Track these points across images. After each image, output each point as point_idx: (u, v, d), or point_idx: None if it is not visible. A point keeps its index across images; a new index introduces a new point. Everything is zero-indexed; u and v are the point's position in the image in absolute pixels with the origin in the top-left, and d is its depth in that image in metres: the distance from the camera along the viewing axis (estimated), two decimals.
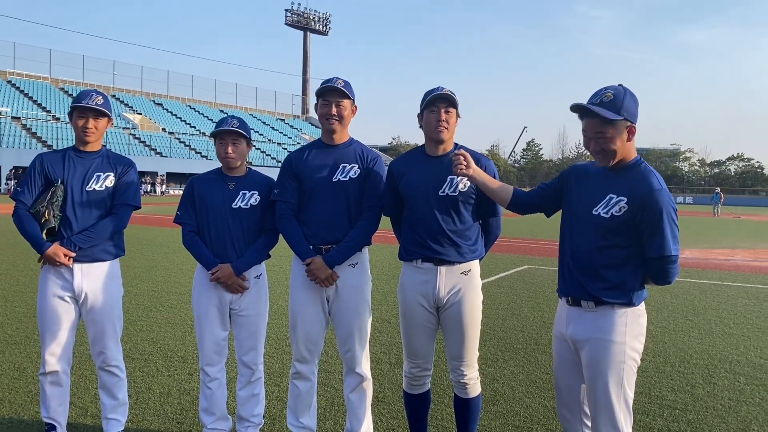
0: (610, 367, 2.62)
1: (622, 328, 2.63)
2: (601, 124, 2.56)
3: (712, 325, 6.97)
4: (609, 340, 2.63)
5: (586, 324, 2.70)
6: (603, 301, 2.65)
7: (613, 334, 2.63)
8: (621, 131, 2.57)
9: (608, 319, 2.65)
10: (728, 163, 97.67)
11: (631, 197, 2.57)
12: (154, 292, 8.02)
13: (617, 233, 2.61)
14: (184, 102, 70.25)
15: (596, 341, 2.65)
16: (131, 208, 3.52)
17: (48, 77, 59.84)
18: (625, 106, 2.55)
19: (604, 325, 2.65)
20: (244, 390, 3.54)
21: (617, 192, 2.61)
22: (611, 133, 2.56)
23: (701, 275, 11.16)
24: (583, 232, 2.72)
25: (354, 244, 3.30)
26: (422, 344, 3.29)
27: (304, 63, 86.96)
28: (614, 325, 2.64)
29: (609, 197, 2.62)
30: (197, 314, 3.50)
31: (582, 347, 2.71)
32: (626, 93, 2.59)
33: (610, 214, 2.61)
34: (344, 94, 3.29)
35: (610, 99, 2.55)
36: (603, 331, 2.64)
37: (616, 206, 2.60)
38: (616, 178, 2.65)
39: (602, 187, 2.67)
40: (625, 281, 2.64)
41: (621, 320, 2.64)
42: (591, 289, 2.66)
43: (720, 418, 4.19)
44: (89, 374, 4.63)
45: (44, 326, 3.37)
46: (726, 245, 17.55)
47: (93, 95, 3.40)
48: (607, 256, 2.64)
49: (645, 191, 2.55)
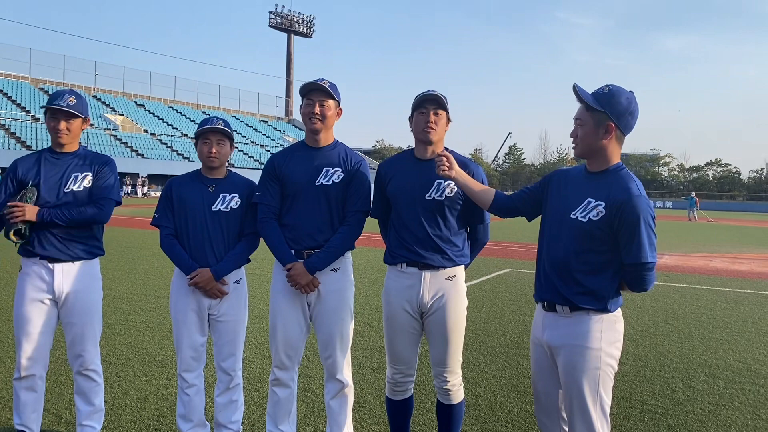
0: (586, 373, 2.60)
1: (597, 335, 2.61)
2: (583, 110, 2.62)
3: (692, 329, 7.03)
4: (584, 346, 2.61)
5: (561, 330, 2.68)
6: (578, 307, 2.63)
7: (589, 341, 2.61)
8: (597, 124, 2.58)
9: (583, 325, 2.63)
10: (706, 168, 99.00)
11: (609, 202, 2.55)
12: (133, 295, 7.91)
13: (594, 238, 2.59)
14: (166, 103, 69.57)
15: (571, 347, 2.64)
16: (112, 203, 3.44)
17: (28, 77, 58.89)
18: (612, 103, 2.57)
19: (579, 331, 2.63)
20: (223, 396, 3.48)
21: (595, 196, 2.60)
22: (585, 120, 2.60)
23: (680, 279, 11.27)
24: (561, 236, 2.70)
25: (336, 249, 3.26)
26: (406, 350, 3.26)
27: (287, 65, 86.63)
28: (589, 331, 2.62)
29: (587, 201, 2.61)
30: (175, 319, 3.44)
31: (558, 353, 2.69)
32: (623, 95, 2.59)
33: (588, 219, 2.59)
34: (329, 95, 3.25)
35: (605, 92, 2.59)
36: (578, 337, 2.63)
37: (593, 210, 2.58)
38: (595, 182, 2.64)
39: (581, 191, 2.66)
40: (601, 287, 2.61)
41: (596, 326, 2.62)
42: (566, 294, 2.65)
43: (700, 422, 4.21)
44: (64, 380, 4.54)
45: (21, 329, 3.29)
46: (704, 249, 17.74)
47: (65, 96, 3.33)
48: (583, 261, 2.63)
49: (623, 197, 2.53)
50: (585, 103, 2.60)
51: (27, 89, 56.85)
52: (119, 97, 64.67)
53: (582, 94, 2.62)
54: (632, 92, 2.63)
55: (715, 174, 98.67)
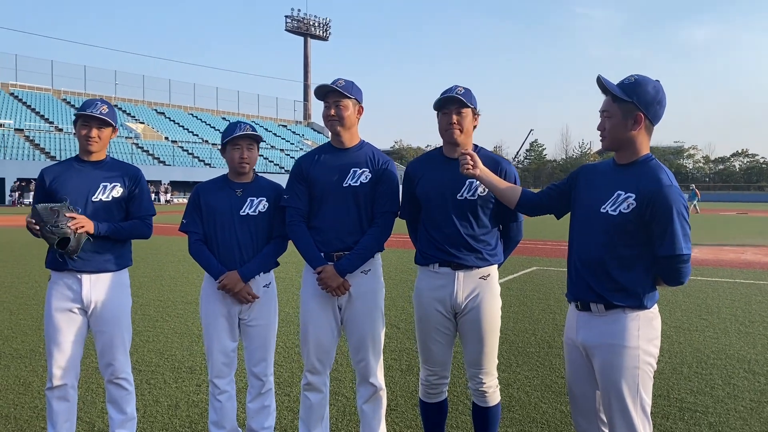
0: (624, 373, 2.51)
1: (634, 333, 2.52)
2: (610, 102, 2.55)
3: (728, 324, 6.86)
4: (621, 345, 2.52)
5: (596, 329, 2.59)
6: (612, 305, 2.54)
7: (626, 339, 2.52)
8: (626, 115, 2.51)
9: (619, 323, 2.54)
10: (733, 159, 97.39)
11: (639, 193, 2.47)
12: (160, 302, 7.94)
13: (625, 232, 2.51)
14: (186, 110, 70.35)
15: (608, 347, 2.55)
16: (152, 217, 3.50)
17: (50, 89, 59.97)
18: (639, 93, 2.50)
19: (615, 330, 2.54)
20: (255, 402, 3.45)
21: (625, 188, 2.52)
22: (613, 111, 2.53)
23: (712, 273, 11.04)
24: (591, 232, 2.62)
25: (366, 251, 3.20)
26: (440, 351, 3.20)
27: (305, 69, 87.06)
28: (626, 329, 2.53)
29: (617, 194, 2.53)
30: (206, 325, 3.41)
31: (593, 354, 2.60)
32: (649, 84, 2.53)
33: (618, 211, 2.51)
34: (343, 94, 3.20)
35: (631, 82, 2.52)
36: (614, 336, 2.54)
37: (624, 203, 2.50)
38: (624, 174, 2.57)
39: (610, 184, 2.58)
40: (635, 283, 2.53)
41: (633, 324, 2.53)
42: (600, 291, 2.56)
43: (743, 420, 4.08)
44: (96, 388, 4.55)
45: (51, 339, 3.29)
46: (734, 242, 17.41)
47: (98, 104, 3.33)
48: (615, 257, 2.54)
49: (654, 188, 2.45)
50: (612, 94, 2.53)
51: (50, 100, 57.87)
52: (140, 106, 65.56)
53: (608, 85, 2.55)
54: (658, 81, 2.57)
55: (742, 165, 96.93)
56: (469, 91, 3.11)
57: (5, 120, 48.70)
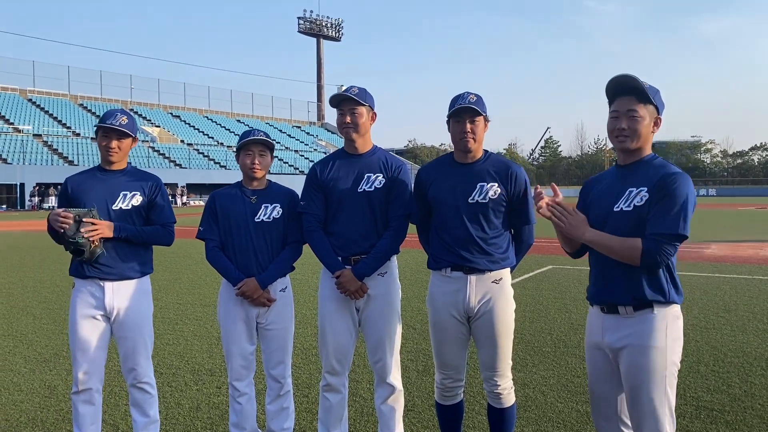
0: (653, 373, 2.53)
1: (662, 333, 2.54)
2: (636, 101, 2.60)
3: (746, 322, 6.82)
4: (649, 345, 2.54)
5: (624, 331, 2.61)
6: (641, 305, 2.57)
7: (654, 339, 2.54)
8: (650, 116, 2.62)
9: (647, 323, 2.56)
10: (751, 153, 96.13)
11: (651, 185, 2.55)
12: (179, 305, 8.05)
13: (644, 224, 2.54)
14: (201, 113, 70.91)
15: (635, 348, 2.57)
16: (173, 225, 3.58)
17: (67, 94, 60.75)
18: (657, 98, 2.64)
19: (644, 331, 2.56)
20: (274, 404, 3.52)
21: (636, 185, 2.59)
22: (643, 113, 2.60)
23: (730, 270, 10.95)
24: (610, 232, 2.63)
25: (382, 255, 3.27)
26: (454, 355, 3.24)
27: (318, 70, 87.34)
28: (654, 329, 2.55)
29: (629, 191, 2.59)
30: (224, 329, 3.49)
31: (620, 355, 2.62)
32: (658, 91, 2.66)
33: (633, 206, 2.57)
34: (358, 102, 3.26)
35: (650, 87, 2.63)
36: (643, 336, 2.56)
37: (637, 197, 2.56)
38: (632, 173, 2.64)
39: (621, 185, 2.64)
40: (659, 274, 2.56)
41: (661, 324, 2.55)
42: (633, 292, 2.57)
43: (759, 418, 4.08)
44: (119, 391, 4.64)
45: (76, 345, 3.38)
46: (752, 238, 17.23)
47: (117, 115, 3.40)
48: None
49: (663, 173, 2.54)
50: (641, 94, 2.59)
51: (67, 106, 58.62)
52: (155, 109, 66.16)
53: (641, 85, 2.59)
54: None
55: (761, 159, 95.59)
56: (480, 98, 3.15)
57: (24, 126, 49.42)
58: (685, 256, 13.07)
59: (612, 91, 2.67)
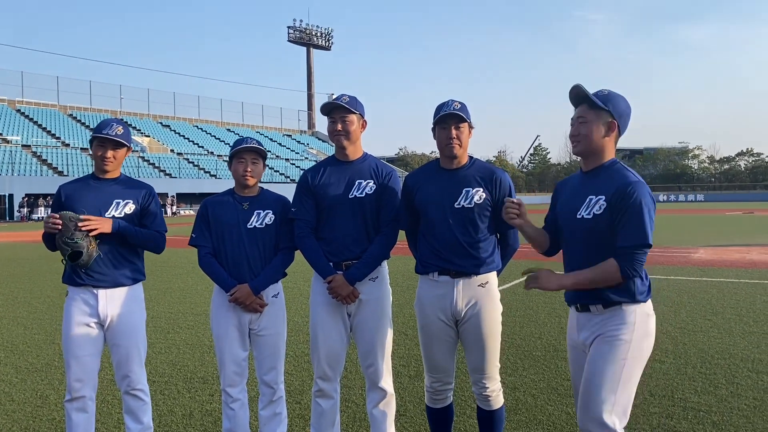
0: (612, 362, 2.58)
1: (630, 327, 2.62)
2: (587, 108, 2.70)
3: (732, 324, 6.91)
4: (615, 336, 2.61)
5: (596, 327, 2.69)
6: (610, 302, 2.64)
7: (621, 332, 2.61)
8: (601, 121, 2.68)
9: (616, 318, 2.64)
10: (738, 159, 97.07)
11: (609, 194, 2.60)
12: (170, 314, 8.05)
13: (602, 232, 2.62)
14: (191, 122, 70.77)
15: (602, 338, 2.64)
16: (164, 234, 3.62)
17: (56, 104, 60.48)
18: (614, 102, 2.69)
19: (613, 324, 2.64)
20: (266, 409, 3.55)
21: (595, 192, 2.65)
22: (591, 118, 2.68)
23: (717, 273, 11.08)
24: (575, 238, 2.76)
25: (373, 260, 3.32)
26: (443, 358, 3.29)
27: (308, 78, 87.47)
28: (623, 323, 2.62)
29: (589, 199, 2.66)
30: (217, 336, 3.52)
31: (591, 347, 2.70)
32: (620, 97, 2.75)
33: (592, 214, 2.64)
34: (348, 110, 3.33)
35: (605, 94, 2.71)
36: (611, 329, 2.64)
37: (596, 206, 2.63)
38: (593, 179, 2.71)
39: (582, 191, 2.72)
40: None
41: (630, 318, 2.63)
42: (596, 291, 2.65)
43: (745, 418, 4.15)
44: (111, 399, 4.65)
45: (69, 352, 3.40)
46: (739, 242, 17.40)
47: (113, 125, 3.43)
48: (601, 257, 2.63)
49: (621, 184, 2.58)
50: (590, 101, 2.69)
51: (56, 116, 58.32)
52: (145, 119, 65.95)
53: (587, 92, 2.71)
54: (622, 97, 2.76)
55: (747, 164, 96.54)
56: (465, 106, 3.22)
57: (12, 136, 49.12)
58: (672, 260, 13.20)
59: (573, 102, 2.79)
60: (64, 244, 3.24)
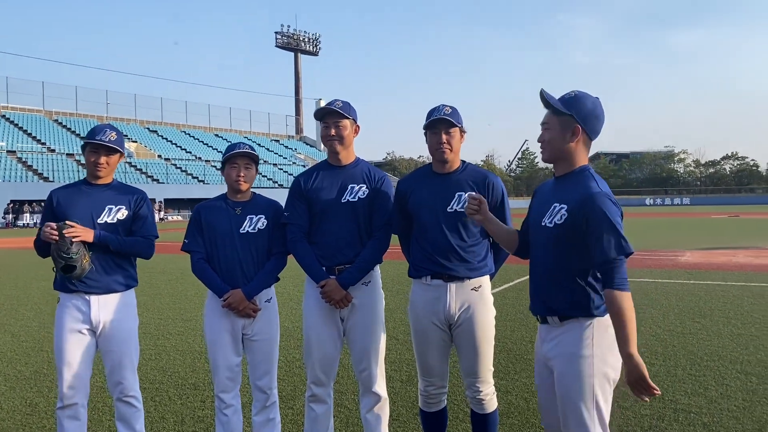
0: (579, 381, 2.49)
1: (588, 341, 2.52)
2: (550, 113, 2.63)
3: (720, 326, 6.98)
4: (575, 354, 2.52)
5: (554, 341, 2.61)
6: (567, 316, 2.56)
7: (579, 348, 2.52)
8: (564, 126, 2.58)
9: (574, 332, 2.55)
10: (723, 162, 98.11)
11: (570, 204, 2.52)
12: (160, 320, 8.00)
13: (563, 242, 2.55)
14: (178, 128, 70.41)
15: (563, 357, 2.56)
16: (155, 239, 3.59)
17: (42, 110, 59.96)
18: (578, 106, 2.57)
19: (570, 340, 2.55)
20: (260, 415, 3.53)
21: (559, 200, 2.58)
22: (552, 123, 2.61)
23: (704, 276, 11.18)
24: (538, 246, 2.69)
25: (366, 264, 3.33)
26: (436, 362, 3.30)
27: (296, 84, 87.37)
28: (581, 338, 2.53)
29: (553, 206, 2.59)
30: (210, 341, 3.50)
31: (553, 365, 2.61)
32: (588, 100, 2.60)
33: (554, 224, 2.56)
34: (342, 115, 3.34)
35: (571, 97, 2.61)
36: (569, 345, 2.55)
37: (558, 215, 2.55)
38: (561, 186, 2.63)
39: (550, 198, 2.65)
40: (583, 292, 2.54)
41: (587, 333, 2.53)
42: (552, 304, 2.60)
43: (735, 419, 4.19)
44: (101, 406, 4.62)
45: (61, 360, 3.37)
46: (726, 245, 17.58)
47: (106, 131, 3.42)
48: (560, 268, 2.58)
49: (582, 196, 2.49)
50: (552, 107, 2.61)
51: (41, 122, 57.82)
52: (132, 125, 65.53)
53: (549, 98, 2.63)
54: (598, 98, 2.63)
55: (733, 168, 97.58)
56: (456, 111, 3.24)
57: None
58: (660, 263, 13.32)
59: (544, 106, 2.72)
60: (58, 256, 3.23)
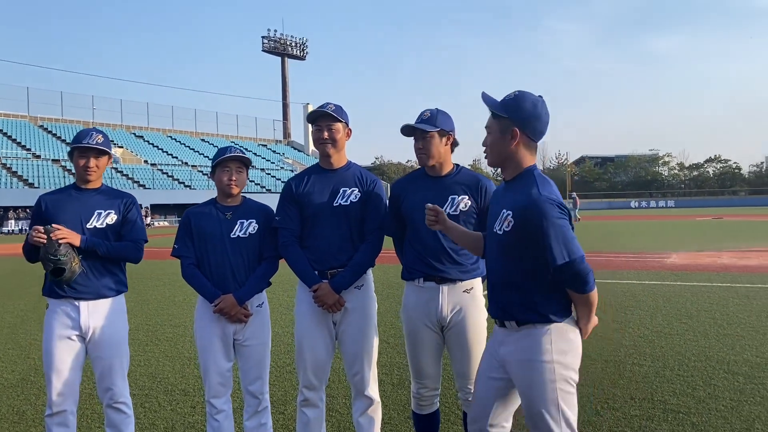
0: (541, 388, 2.47)
1: (547, 347, 2.49)
2: (491, 117, 2.62)
3: (707, 327, 7.05)
4: (534, 359, 2.49)
5: (513, 345, 2.58)
6: (523, 321, 2.54)
7: (538, 353, 2.49)
8: (503, 130, 2.57)
9: (531, 338, 2.52)
10: (706, 165, 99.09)
11: (515, 210, 2.48)
12: (148, 326, 7.95)
13: (513, 248, 2.52)
14: (164, 133, 70.02)
15: (522, 362, 2.53)
16: (143, 243, 3.57)
17: (27, 115, 59.40)
18: (516, 109, 2.55)
19: (528, 345, 2.52)
20: (252, 420, 3.52)
21: (506, 206, 2.54)
22: (493, 127, 2.61)
23: (690, 278, 11.29)
24: (492, 251, 2.68)
25: (359, 267, 3.33)
26: (429, 364, 3.31)
27: (283, 88, 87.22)
28: (539, 343, 2.50)
29: (503, 212, 2.55)
30: (201, 346, 3.49)
31: (511, 369, 2.59)
32: (527, 100, 2.58)
33: (503, 231, 2.53)
34: (335, 118, 3.34)
35: (510, 99, 2.58)
36: (527, 351, 2.52)
37: (505, 222, 2.51)
38: (509, 191, 2.60)
39: (500, 203, 2.61)
40: (537, 298, 2.51)
41: (545, 338, 2.50)
42: (508, 309, 2.58)
43: (723, 418, 4.23)
44: (90, 413, 4.58)
45: (50, 366, 3.34)
46: (711, 247, 17.76)
47: (93, 134, 3.41)
48: (514, 274, 2.55)
49: (524, 202, 2.45)
50: (491, 110, 2.60)
51: (26, 128, 57.27)
52: (118, 130, 65.07)
53: (487, 101, 2.60)
54: (540, 97, 2.59)
55: (716, 170, 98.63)
56: (434, 115, 3.22)
57: None
58: (647, 265, 13.44)
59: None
60: (47, 259, 3.20)
